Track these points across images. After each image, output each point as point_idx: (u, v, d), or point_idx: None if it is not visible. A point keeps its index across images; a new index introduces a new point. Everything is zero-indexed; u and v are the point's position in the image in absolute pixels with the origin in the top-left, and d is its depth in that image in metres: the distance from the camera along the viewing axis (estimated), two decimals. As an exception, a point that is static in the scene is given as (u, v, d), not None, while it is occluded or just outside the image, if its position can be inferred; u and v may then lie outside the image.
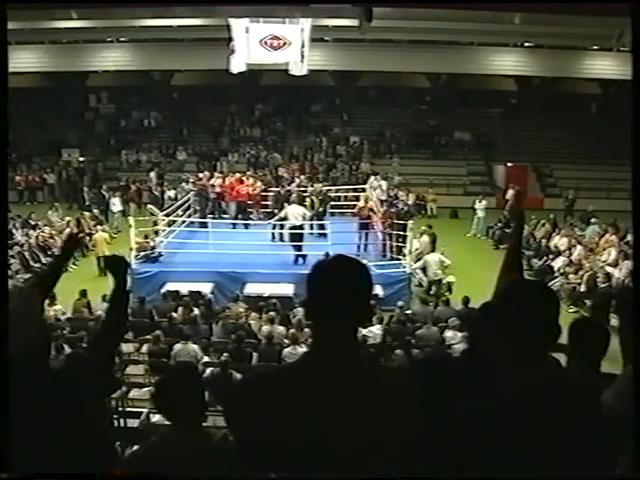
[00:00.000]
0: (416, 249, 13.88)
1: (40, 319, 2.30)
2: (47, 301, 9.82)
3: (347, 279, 1.63)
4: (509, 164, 23.89)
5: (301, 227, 13.61)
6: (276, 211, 15.62)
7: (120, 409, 6.72)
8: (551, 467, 1.66)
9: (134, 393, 7.68)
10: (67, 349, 7.89)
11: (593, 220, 17.18)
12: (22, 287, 2.85)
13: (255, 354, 8.57)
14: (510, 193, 20.89)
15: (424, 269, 13.39)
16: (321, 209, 15.50)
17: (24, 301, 2.26)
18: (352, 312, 1.64)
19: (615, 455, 1.77)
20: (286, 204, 14.77)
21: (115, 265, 2.54)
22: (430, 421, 1.70)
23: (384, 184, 17.89)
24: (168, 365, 7.91)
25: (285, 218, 13.89)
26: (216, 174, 18.90)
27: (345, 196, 18.32)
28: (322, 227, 15.07)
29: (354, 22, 15.94)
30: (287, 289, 11.58)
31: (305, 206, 14.90)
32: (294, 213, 13.63)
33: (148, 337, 8.98)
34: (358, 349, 1.76)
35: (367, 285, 1.67)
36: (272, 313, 10.05)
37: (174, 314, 10.15)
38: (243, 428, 1.70)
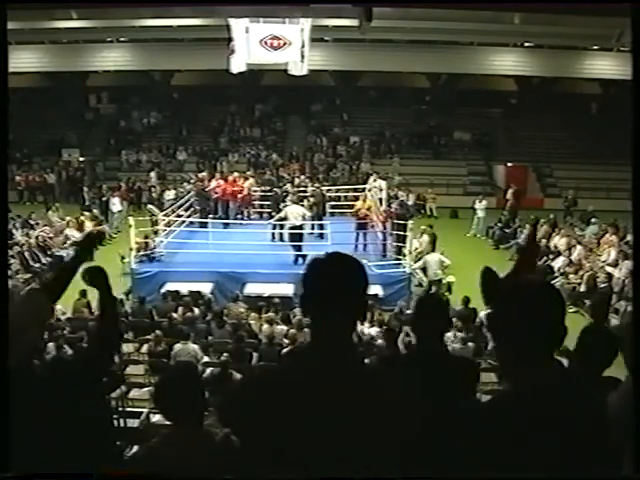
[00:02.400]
0: (416, 249, 13.88)
1: (44, 323, 2.30)
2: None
3: (342, 276, 1.64)
4: (509, 164, 23.89)
5: (301, 227, 13.61)
6: (274, 212, 15.62)
7: (120, 409, 6.72)
8: (553, 468, 1.66)
9: (134, 393, 7.67)
10: (67, 349, 7.89)
11: (593, 220, 17.18)
12: (31, 290, 2.73)
13: (255, 354, 8.57)
14: (510, 193, 20.88)
15: (424, 269, 13.38)
16: (315, 210, 15.47)
17: (31, 304, 2.25)
18: (347, 308, 1.64)
19: (620, 457, 1.77)
20: (283, 204, 14.76)
21: (94, 276, 2.47)
22: (429, 419, 1.70)
23: (384, 184, 17.87)
24: (168, 365, 7.91)
25: (285, 218, 13.89)
26: (217, 174, 18.92)
27: (345, 196, 18.31)
28: (321, 227, 15.06)
29: (354, 22, 15.93)
30: (287, 289, 11.58)
31: (304, 206, 14.90)
32: (294, 213, 13.63)
33: (148, 337, 8.98)
34: (355, 345, 1.77)
35: (362, 282, 1.67)
36: (271, 313, 10.05)
37: (174, 314, 10.15)
38: (242, 427, 1.70)
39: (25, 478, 1.76)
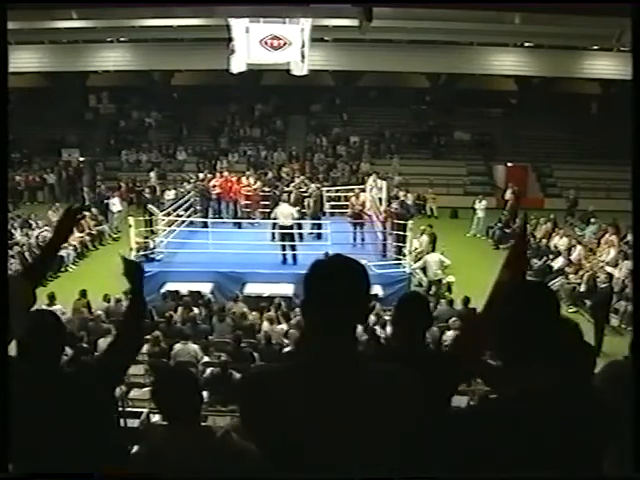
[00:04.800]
0: (416, 249, 13.89)
1: (28, 308, 2.30)
2: (46, 301, 9.83)
3: (345, 279, 1.63)
4: (509, 164, 23.90)
5: (291, 227, 13.57)
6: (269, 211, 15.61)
7: (120, 409, 6.72)
8: (553, 467, 1.66)
9: (134, 393, 7.67)
10: (67, 349, 7.88)
11: (593, 220, 17.19)
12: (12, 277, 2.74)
13: (256, 354, 8.56)
14: (509, 193, 20.86)
15: (424, 269, 13.39)
16: (312, 210, 15.45)
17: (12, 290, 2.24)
18: (351, 312, 1.64)
19: (602, 452, 1.77)
20: (281, 203, 14.78)
21: (132, 270, 2.53)
22: (431, 420, 1.70)
23: (384, 184, 17.88)
24: (164, 365, 7.90)
25: (275, 218, 13.91)
26: (218, 174, 18.94)
27: (345, 196, 18.30)
28: (319, 227, 15.04)
29: (354, 22, 15.94)
30: (287, 289, 11.58)
31: (303, 206, 14.91)
32: (284, 213, 13.61)
33: (148, 337, 8.97)
34: (357, 348, 1.76)
35: (365, 284, 1.66)
36: (272, 313, 10.04)
37: (173, 314, 10.14)
38: (241, 428, 1.70)
39: (23, 478, 1.76)
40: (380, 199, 16.57)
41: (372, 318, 9.50)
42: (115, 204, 18.85)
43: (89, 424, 2.26)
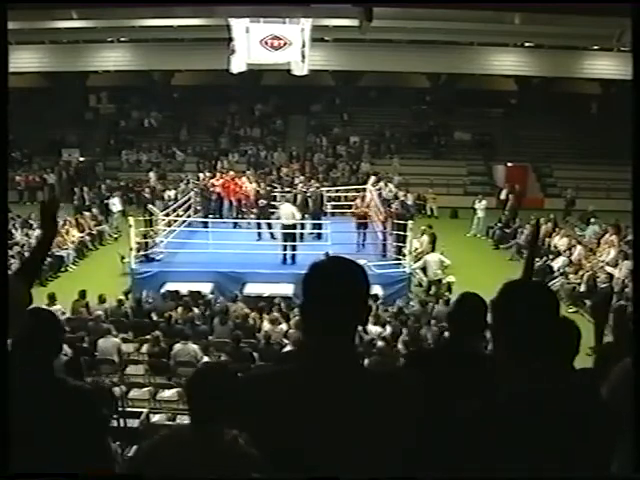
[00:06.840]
0: (416, 249, 13.88)
1: (24, 307, 2.30)
2: (47, 301, 9.83)
3: (344, 280, 1.63)
4: (509, 164, 23.90)
5: (292, 227, 13.56)
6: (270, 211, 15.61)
7: (120, 409, 6.72)
8: (552, 468, 1.66)
9: (134, 393, 7.67)
10: (66, 349, 7.88)
11: (593, 220, 17.19)
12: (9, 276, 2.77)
13: (255, 354, 8.56)
14: (504, 193, 20.69)
15: (424, 269, 13.39)
16: (312, 209, 15.45)
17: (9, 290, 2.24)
18: (350, 313, 1.63)
19: (611, 452, 1.77)
20: (283, 203, 14.78)
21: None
22: (430, 422, 1.70)
23: (384, 184, 17.89)
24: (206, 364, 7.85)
25: (277, 218, 13.90)
26: (218, 174, 18.95)
27: (345, 196, 18.32)
28: (319, 227, 15.03)
29: (354, 22, 15.94)
30: (287, 289, 11.58)
31: (305, 205, 14.90)
32: (285, 213, 13.61)
33: (148, 337, 8.98)
34: (356, 350, 1.76)
35: (364, 286, 1.66)
36: (275, 314, 10.03)
37: (172, 313, 10.14)
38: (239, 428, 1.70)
39: (12, 478, 1.76)
40: (380, 199, 16.56)
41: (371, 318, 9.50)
42: (115, 204, 18.86)
43: (80, 424, 2.24)
